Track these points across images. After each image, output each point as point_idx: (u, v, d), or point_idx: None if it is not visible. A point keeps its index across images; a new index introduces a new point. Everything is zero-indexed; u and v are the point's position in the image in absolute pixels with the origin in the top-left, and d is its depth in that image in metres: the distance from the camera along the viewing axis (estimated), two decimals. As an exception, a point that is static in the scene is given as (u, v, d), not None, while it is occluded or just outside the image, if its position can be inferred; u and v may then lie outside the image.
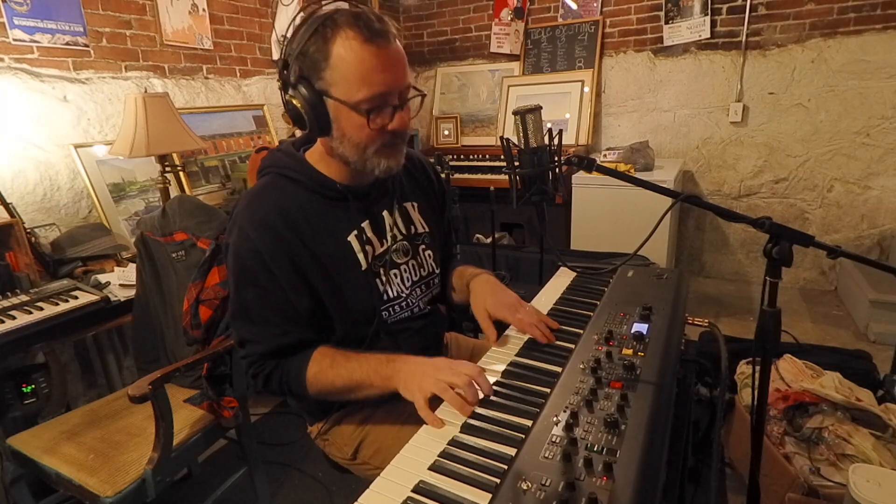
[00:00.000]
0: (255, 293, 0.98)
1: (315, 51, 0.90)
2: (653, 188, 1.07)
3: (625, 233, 2.90)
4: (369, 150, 0.96)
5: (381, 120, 0.93)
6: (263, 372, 1.01)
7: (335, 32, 0.88)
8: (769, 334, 0.99)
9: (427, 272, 1.16)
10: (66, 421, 1.50)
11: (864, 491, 1.20)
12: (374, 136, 0.94)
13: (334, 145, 0.98)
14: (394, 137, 0.97)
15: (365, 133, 0.93)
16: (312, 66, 0.91)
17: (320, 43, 0.89)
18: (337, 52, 0.88)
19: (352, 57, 0.88)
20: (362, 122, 0.92)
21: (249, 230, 0.96)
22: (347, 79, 0.89)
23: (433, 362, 0.93)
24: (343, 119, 0.93)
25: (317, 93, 0.92)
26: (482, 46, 3.90)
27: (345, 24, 0.88)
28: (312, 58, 0.90)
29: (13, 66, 2.02)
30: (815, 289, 3.32)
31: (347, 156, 0.98)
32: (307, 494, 1.83)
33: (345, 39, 0.88)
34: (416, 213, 1.17)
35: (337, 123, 0.94)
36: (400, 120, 0.95)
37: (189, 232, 1.61)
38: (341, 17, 0.89)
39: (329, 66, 0.89)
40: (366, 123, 0.92)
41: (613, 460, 0.67)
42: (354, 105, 0.91)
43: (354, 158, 0.97)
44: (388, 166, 0.99)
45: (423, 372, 0.91)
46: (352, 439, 1.11)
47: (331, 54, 0.89)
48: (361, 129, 0.93)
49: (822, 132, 3.09)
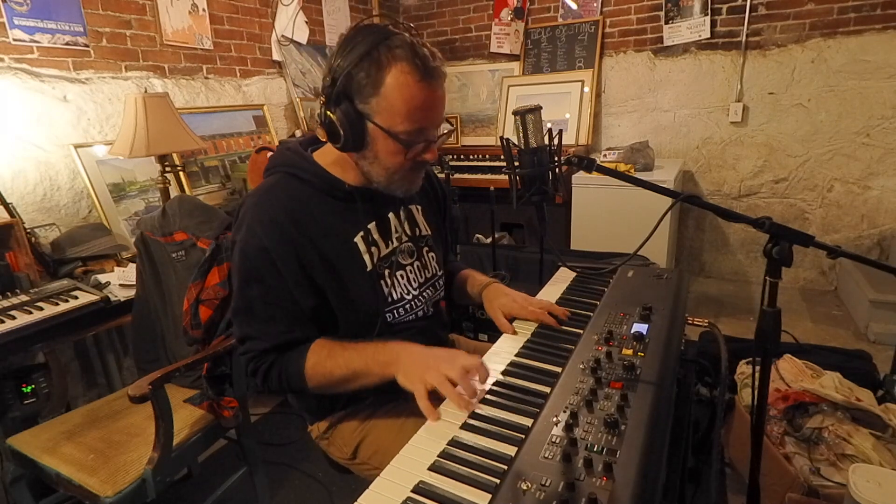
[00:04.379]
0: (260, 290, 0.99)
1: (366, 76, 0.90)
2: (653, 188, 1.07)
3: (625, 233, 2.90)
4: (396, 175, 1.01)
5: (415, 151, 0.98)
6: (262, 367, 1.01)
7: (391, 63, 0.89)
8: (769, 334, 0.98)
9: (431, 274, 1.18)
10: (66, 421, 1.50)
11: (864, 491, 1.20)
12: (405, 164, 0.99)
13: (361, 163, 1.01)
14: (420, 165, 1.02)
15: (398, 160, 0.98)
16: (360, 88, 0.92)
17: (373, 69, 0.90)
18: (389, 83, 0.90)
19: (404, 92, 0.90)
20: (399, 149, 0.96)
21: (257, 228, 0.97)
22: (394, 110, 0.92)
23: (433, 352, 0.94)
24: (380, 144, 0.96)
25: (359, 114, 0.93)
26: (482, 46, 3.90)
27: (402, 58, 0.89)
28: (362, 81, 0.91)
29: (13, 66, 2.02)
30: (815, 289, 3.32)
31: (373, 175, 1.02)
32: (307, 494, 1.83)
33: (400, 73, 0.89)
34: (420, 215, 1.19)
35: (372, 146, 0.97)
36: (432, 154, 1.01)
37: (189, 232, 1.61)
38: (399, 48, 0.90)
39: (378, 94, 0.91)
40: (401, 151, 0.97)
41: (613, 460, 0.67)
42: (395, 135, 0.94)
43: (380, 179, 1.02)
44: (408, 189, 1.06)
45: (424, 363, 0.91)
46: (352, 439, 1.11)
47: (383, 83, 0.90)
48: (396, 156, 0.97)
49: (822, 132, 3.09)
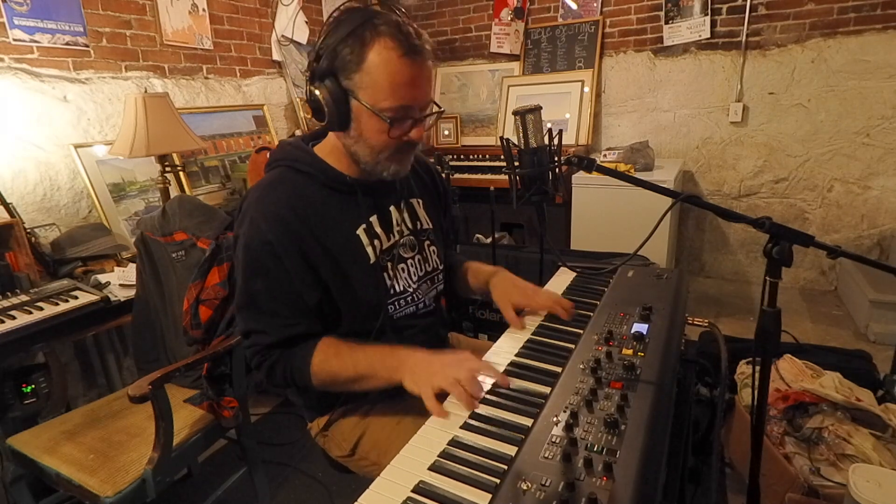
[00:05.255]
0: (264, 284, 0.99)
1: (350, 52, 0.91)
2: (653, 188, 1.07)
3: (625, 233, 2.89)
4: (382, 155, 1.00)
5: (400, 129, 0.97)
6: (268, 362, 1.01)
7: (374, 39, 0.90)
8: (769, 334, 0.98)
9: (432, 267, 1.19)
10: (66, 421, 1.50)
11: (864, 491, 1.20)
12: (390, 143, 0.98)
13: (348, 143, 1.01)
14: (407, 146, 1.01)
15: (383, 139, 0.97)
16: (344, 64, 0.92)
17: (357, 45, 0.90)
18: (372, 59, 0.90)
19: (386, 67, 0.90)
20: (383, 128, 0.95)
21: (260, 221, 0.98)
22: (377, 86, 0.92)
23: (439, 357, 0.94)
24: (364, 121, 0.96)
25: (343, 91, 0.94)
26: (482, 46, 3.89)
27: (386, 34, 0.90)
28: (346, 57, 0.91)
29: (13, 66, 2.02)
30: (815, 289, 3.32)
31: (360, 155, 1.01)
32: (307, 494, 1.83)
33: (383, 48, 0.90)
34: (422, 209, 1.19)
35: (357, 123, 0.97)
36: (417, 132, 0.99)
37: (189, 232, 1.61)
38: (383, 25, 0.90)
39: (361, 70, 0.91)
40: (385, 130, 0.95)
41: (613, 460, 0.67)
42: (378, 111, 0.93)
43: (367, 159, 1.01)
44: (397, 170, 1.04)
45: (431, 367, 0.91)
46: (351, 435, 1.11)
47: (366, 59, 0.90)
48: (380, 135, 0.97)
49: (822, 132, 3.09)
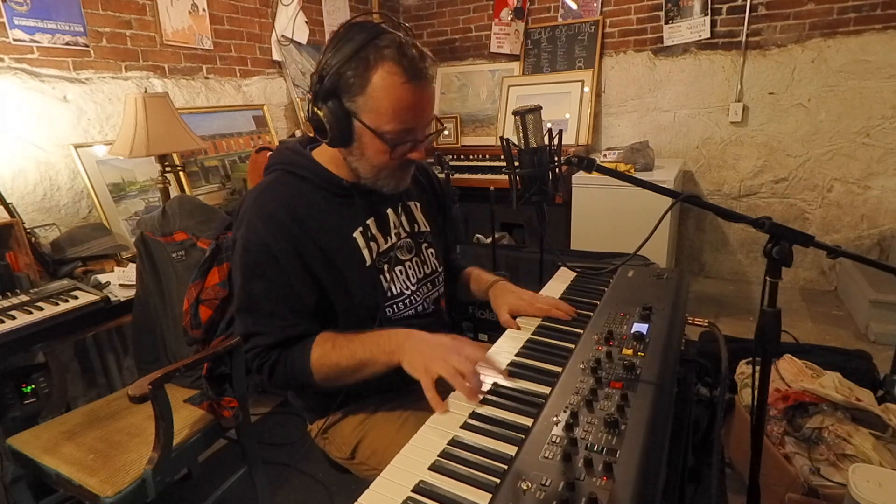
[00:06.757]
0: (262, 286, 0.99)
1: (353, 74, 0.91)
2: (653, 188, 1.07)
3: (625, 233, 2.90)
4: (383, 172, 1.02)
5: (402, 150, 0.99)
6: (268, 363, 1.01)
7: (378, 63, 0.90)
8: (769, 334, 0.98)
9: (430, 270, 1.19)
10: (66, 421, 1.50)
11: (864, 491, 1.20)
12: (391, 163, 1.01)
13: (350, 158, 1.02)
14: (407, 164, 1.03)
15: (384, 158, 0.99)
16: (347, 86, 0.92)
17: (361, 68, 0.90)
18: (376, 83, 0.91)
19: (390, 93, 0.91)
20: (384, 149, 0.97)
21: (258, 224, 0.98)
22: (380, 110, 0.93)
23: (438, 340, 0.94)
24: (366, 141, 0.97)
25: (346, 112, 0.95)
26: (482, 46, 3.90)
27: (390, 58, 0.90)
28: (349, 80, 0.92)
29: (13, 66, 2.02)
30: (815, 289, 3.32)
31: (360, 171, 1.03)
32: (307, 494, 1.83)
33: (387, 73, 0.90)
34: (419, 212, 1.19)
35: (359, 142, 0.98)
36: (419, 153, 1.01)
37: (189, 232, 1.61)
38: (388, 48, 0.90)
39: (365, 94, 0.92)
40: (387, 151, 0.97)
41: (613, 460, 0.67)
42: (381, 134, 0.94)
43: (367, 175, 1.03)
44: (396, 186, 1.06)
45: (430, 352, 0.91)
46: (351, 438, 1.11)
47: (369, 83, 0.91)
48: (381, 155, 0.98)
49: (822, 132, 3.09)
